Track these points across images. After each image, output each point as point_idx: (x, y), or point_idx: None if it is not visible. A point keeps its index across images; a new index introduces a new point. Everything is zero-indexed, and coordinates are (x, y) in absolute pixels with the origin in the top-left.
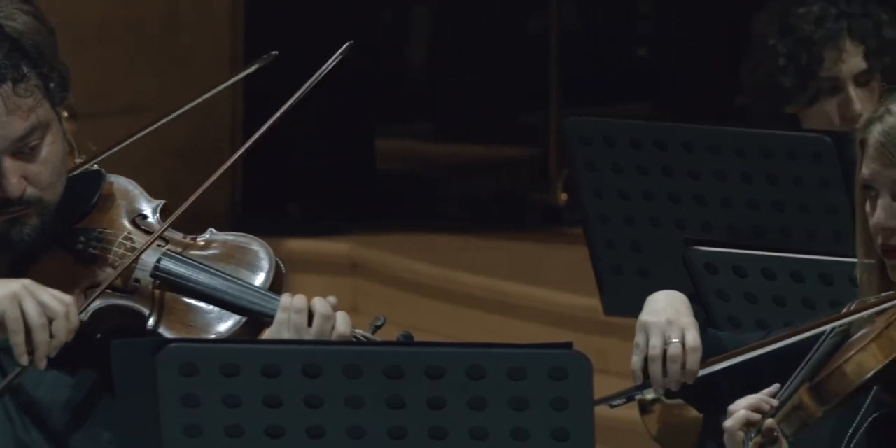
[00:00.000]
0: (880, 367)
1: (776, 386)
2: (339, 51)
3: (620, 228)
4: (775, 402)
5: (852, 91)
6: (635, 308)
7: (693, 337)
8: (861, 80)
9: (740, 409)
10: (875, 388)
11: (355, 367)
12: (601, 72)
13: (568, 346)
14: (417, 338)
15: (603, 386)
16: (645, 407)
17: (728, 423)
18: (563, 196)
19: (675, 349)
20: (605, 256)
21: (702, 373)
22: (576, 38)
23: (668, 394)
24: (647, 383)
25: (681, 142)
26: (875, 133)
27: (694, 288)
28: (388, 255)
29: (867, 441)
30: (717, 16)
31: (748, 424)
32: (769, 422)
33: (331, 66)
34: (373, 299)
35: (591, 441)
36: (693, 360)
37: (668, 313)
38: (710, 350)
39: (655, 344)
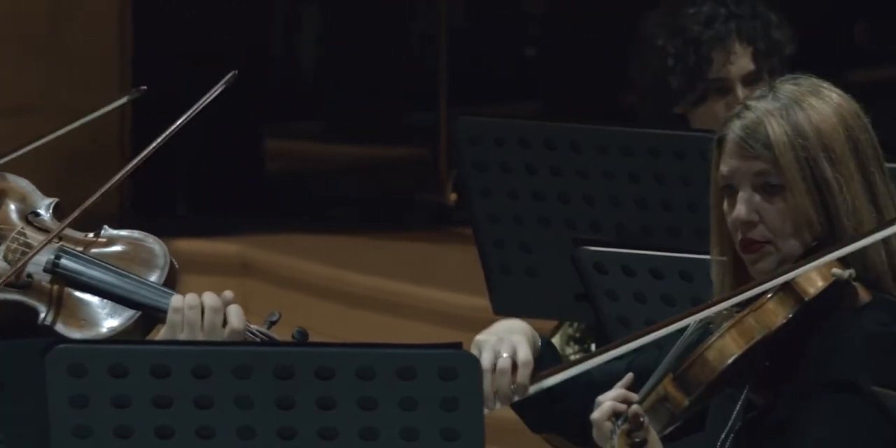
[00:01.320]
0: (741, 351)
1: (630, 376)
2: (223, 81)
3: (509, 228)
4: (636, 397)
5: (740, 92)
6: (525, 308)
7: (524, 352)
8: (749, 81)
9: (607, 400)
10: (746, 390)
11: (245, 367)
12: (490, 71)
13: (457, 346)
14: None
15: None
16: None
17: (595, 415)
18: (453, 196)
19: (504, 363)
20: (494, 256)
21: (533, 388)
22: (464, 38)
23: (541, 429)
24: None
25: (569, 141)
26: (735, 129)
27: (583, 287)
28: (277, 255)
29: (740, 443)
30: (605, 16)
31: (615, 414)
32: (635, 407)
33: (214, 96)
34: (262, 300)
35: (481, 441)
36: (523, 374)
37: (500, 333)
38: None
39: (486, 358)
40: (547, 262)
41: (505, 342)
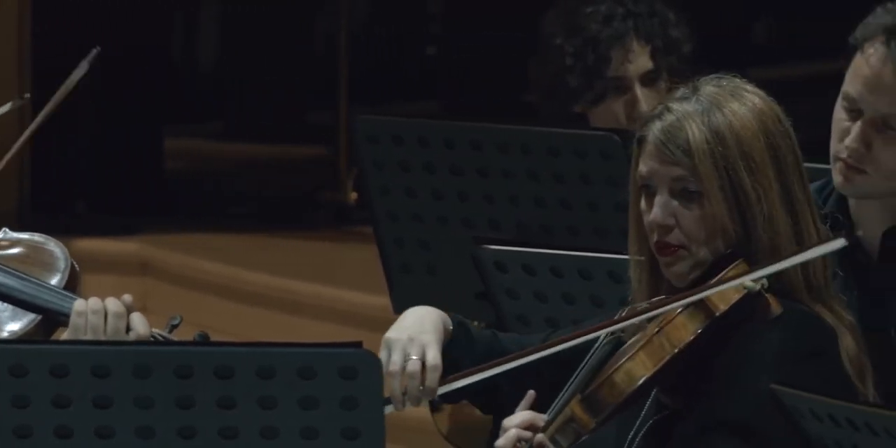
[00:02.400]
0: (649, 374)
1: (531, 394)
2: (86, 58)
3: (409, 227)
4: (545, 418)
5: (639, 91)
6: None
7: (433, 355)
8: (647, 80)
9: (512, 426)
10: (655, 390)
11: (144, 366)
12: (390, 71)
13: (358, 345)
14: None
15: None
16: (435, 406)
17: (500, 442)
18: (353, 195)
19: (413, 366)
20: (394, 255)
21: (441, 391)
22: (365, 37)
23: (449, 399)
24: (387, 399)
25: (468, 140)
26: (654, 130)
27: (483, 286)
28: (178, 254)
29: (648, 443)
30: (505, 15)
31: (520, 441)
32: (539, 437)
33: (80, 76)
34: (163, 299)
35: (382, 440)
36: (432, 378)
37: (411, 330)
38: (482, 354)
39: (395, 360)
40: (447, 261)
41: (415, 343)
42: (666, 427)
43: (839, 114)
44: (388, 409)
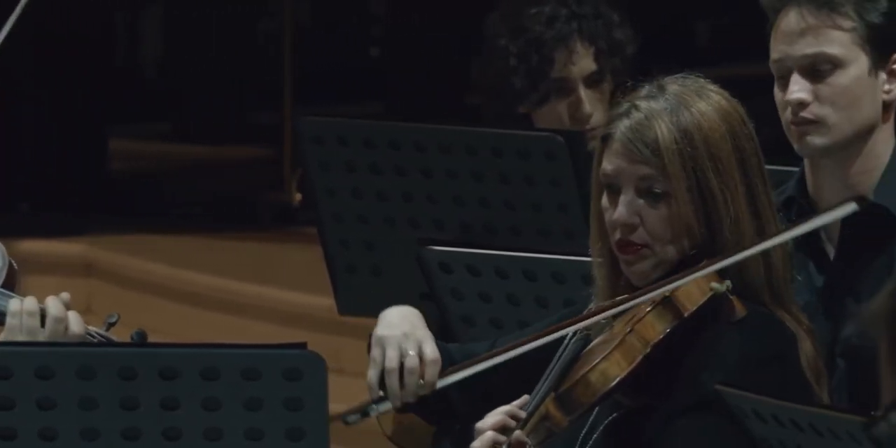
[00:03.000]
0: (623, 374)
1: (525, 397)
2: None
3: (354, 228)
4: (523, 414)
5: (582, 92)
6: (369, 307)
7: (431, 349)
8: (591, 82)
9: (487, 429)
10: None
11: (88, 368)
12: (334, 72)
13: (302, 346)
14: (152, 339)
15: (338, 386)
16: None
17: (476, 445)
18: (298, 196)
19: (412, 361)
20: (339, 256)
21: (440, 384)
22: (309, 38)
23: (401, 409)
24: (384, 397)
25: (413, 141)
26: (622, 128)
27: (428, 287)
28: (122, 255)
29: (603, 442)
30: (449, 16)
31: (495, 444)
32: (517, 434)
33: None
34: (107, 300)
35: (326, 441)
36: (431, 371)
37: (403, 327)
38: (441, 362)
39: (392, 356)
40: (392, 262)
41: (411, 338)
42: (623, 426)
43: (778, 94)
44: (385, 407)
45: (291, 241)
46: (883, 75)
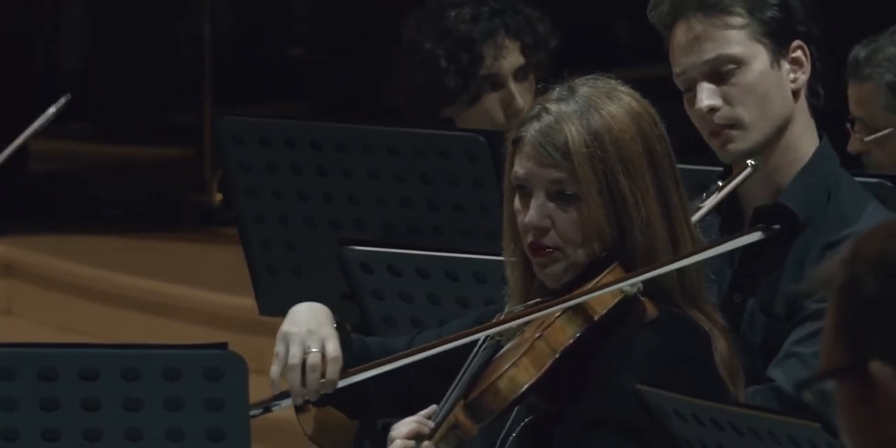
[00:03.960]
0: (532, 381)
1: (433, 407)
2: (56, 105)
3: (275, 228)
4: (432, 425)
5: (513, 86)
6: (291, 308)
7: (333, 347)
8: (520, 76)
9: (398, 438)
10: None
11: (7, 369)
12: (255, 71)
13: (223, 346)
14: (74, 340)
15: (260, 386)
16: (300, 406)
17: None
18: (219, 196)
19: (314, 358)
20: (260, 256)
21: (342, 383)
22: (229, 38)
23: (318, 402)
24: (286, 393)
25: (334, 141)
26: (532, 131)
27: (349, 287)
28: (42, 256)
29: (518, 445)
30: (369, 16)
31: None
32: (426, 444)
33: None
34: (28, 301)
35: (247, 441)
36: (333, 369)
37: (309, 324)
38: (358, 357)
39: (295, 353)
40: (313, 262)
41: (314, 336)
42: (539, 429)
43: (689, 109)
44: (286, 403)
45: (212, 242)
46: (786, 65)
